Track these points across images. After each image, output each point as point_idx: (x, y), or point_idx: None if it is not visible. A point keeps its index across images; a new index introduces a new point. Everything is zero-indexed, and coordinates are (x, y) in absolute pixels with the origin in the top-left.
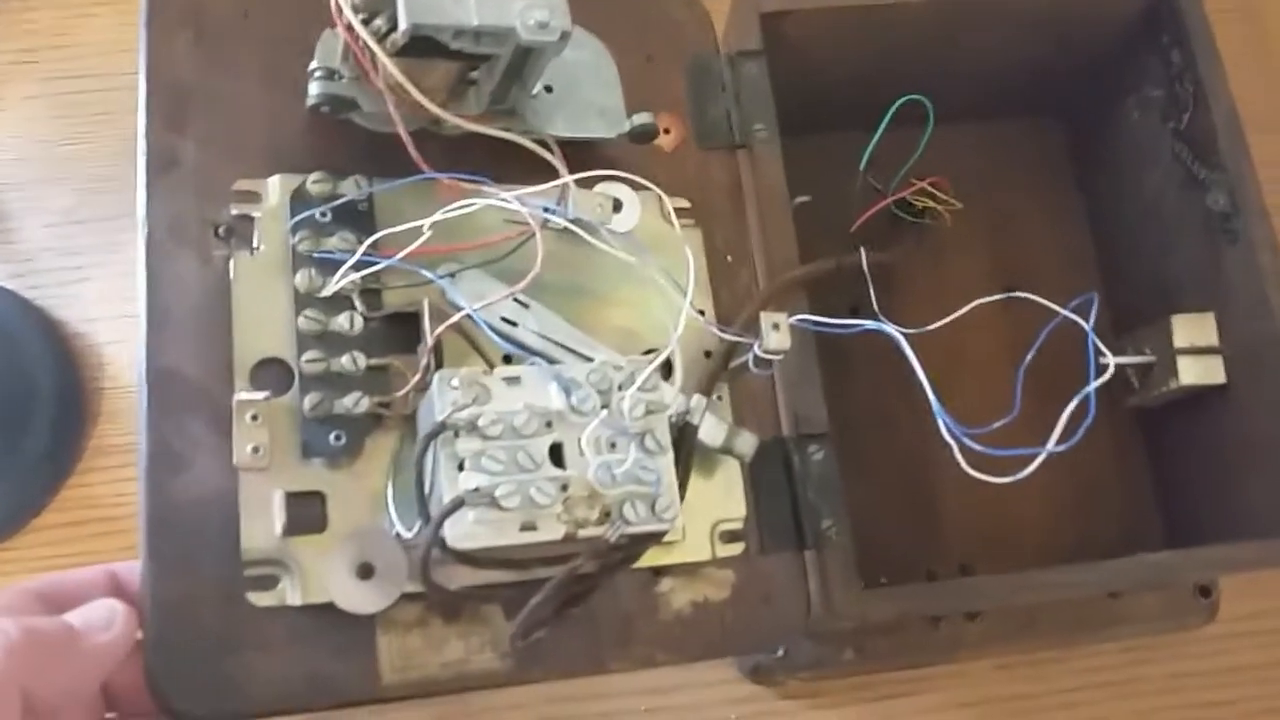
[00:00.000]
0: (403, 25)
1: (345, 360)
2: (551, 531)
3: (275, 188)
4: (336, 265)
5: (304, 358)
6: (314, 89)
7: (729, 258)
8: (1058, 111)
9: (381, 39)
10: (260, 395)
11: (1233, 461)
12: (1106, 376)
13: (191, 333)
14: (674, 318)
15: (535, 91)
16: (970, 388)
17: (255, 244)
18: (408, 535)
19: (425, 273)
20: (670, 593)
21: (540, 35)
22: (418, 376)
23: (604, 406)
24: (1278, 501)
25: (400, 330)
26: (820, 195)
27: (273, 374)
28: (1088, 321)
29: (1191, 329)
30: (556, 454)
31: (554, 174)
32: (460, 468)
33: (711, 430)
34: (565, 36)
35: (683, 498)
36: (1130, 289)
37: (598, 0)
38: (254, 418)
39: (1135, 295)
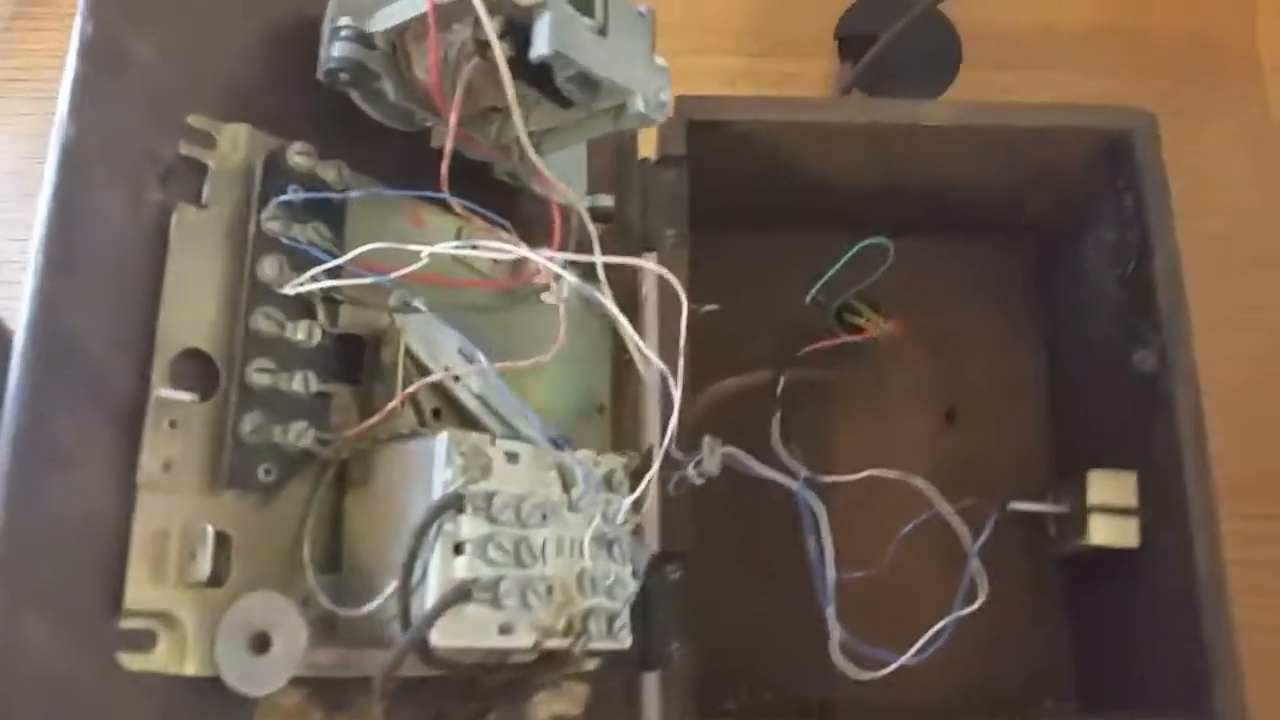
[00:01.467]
0: (543, 50)
1: (298, 379)
2: (523, 638)
3: (239, 140)
4: (302, 259)
5: (253, 365)
6: (338, 50)
7: (626, 358)
8: (1023, 235)
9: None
10: (186, 396)
11: (1142, 626)
12: (968, 587)
13: (102, 291)
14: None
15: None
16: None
17: (203, 199)
18: (329, 606)
19: (419, 304)
20: (538, 705)
21: (652, 113)
22: (376, 419)
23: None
24: (1178, 675)
25: (345, 355)
26: (756, 295)
27: (195, 371)
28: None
29: (1109, 487)
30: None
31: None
32: (458, 550)
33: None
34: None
35: None
36: (1075, 430)
37: None
38: (172, 424)
39: (1079, 437)
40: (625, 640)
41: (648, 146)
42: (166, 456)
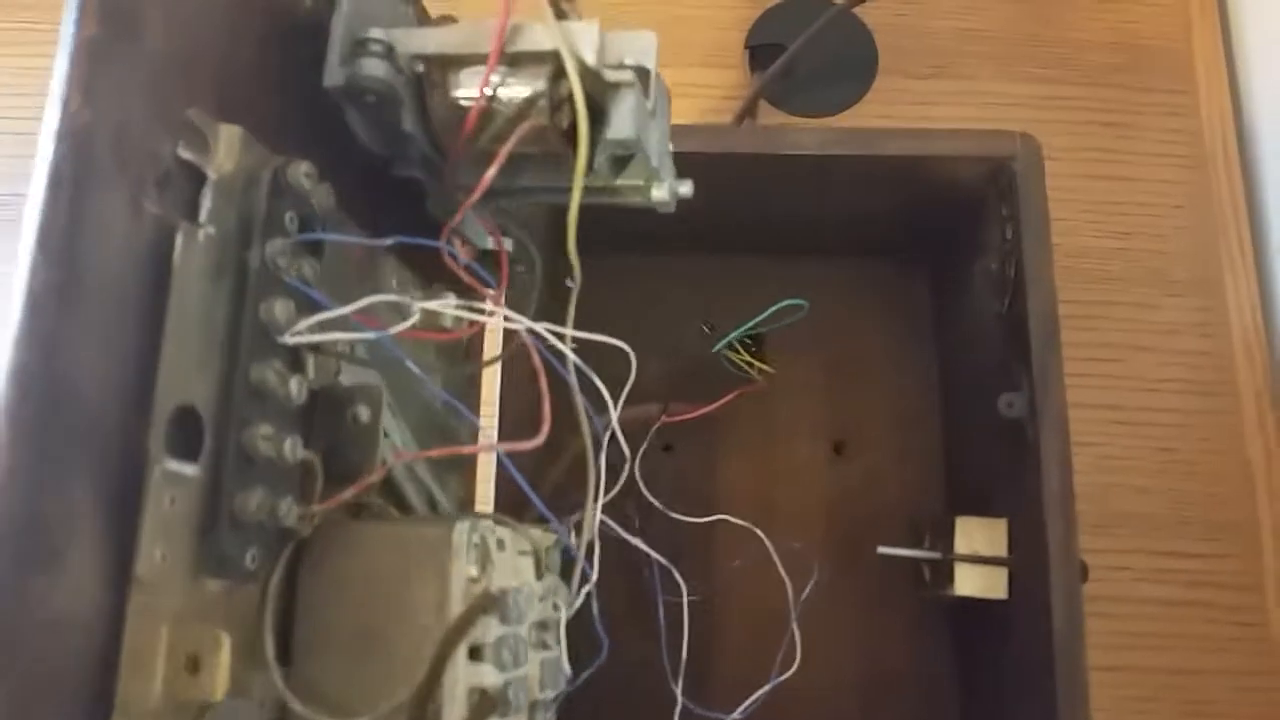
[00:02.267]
0: (626, 133)
1: (288, 445)
2: None
3: (234, 146)
4: (313, 307)
5: (257, 429)
6: (370, 68)
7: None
8: (917, 259)
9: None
10: (188, 469)
11: (1009, 681)
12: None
13: (102, 326)
14: None
15: None
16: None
17: (201, 217)
18: (303, 712)
19: (412, 366)
20: None
21: (669, 202)
22: (351, 492)
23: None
24: None
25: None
26: (645, 322)
27: (185, 432)
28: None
29: (979, 534)
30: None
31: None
32: (475, 655)
33: None
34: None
35: None
36: (963, 470)
37: None
38: (171, 502)
39: (967, 477)
40: None
41: None
42: (164, 546)
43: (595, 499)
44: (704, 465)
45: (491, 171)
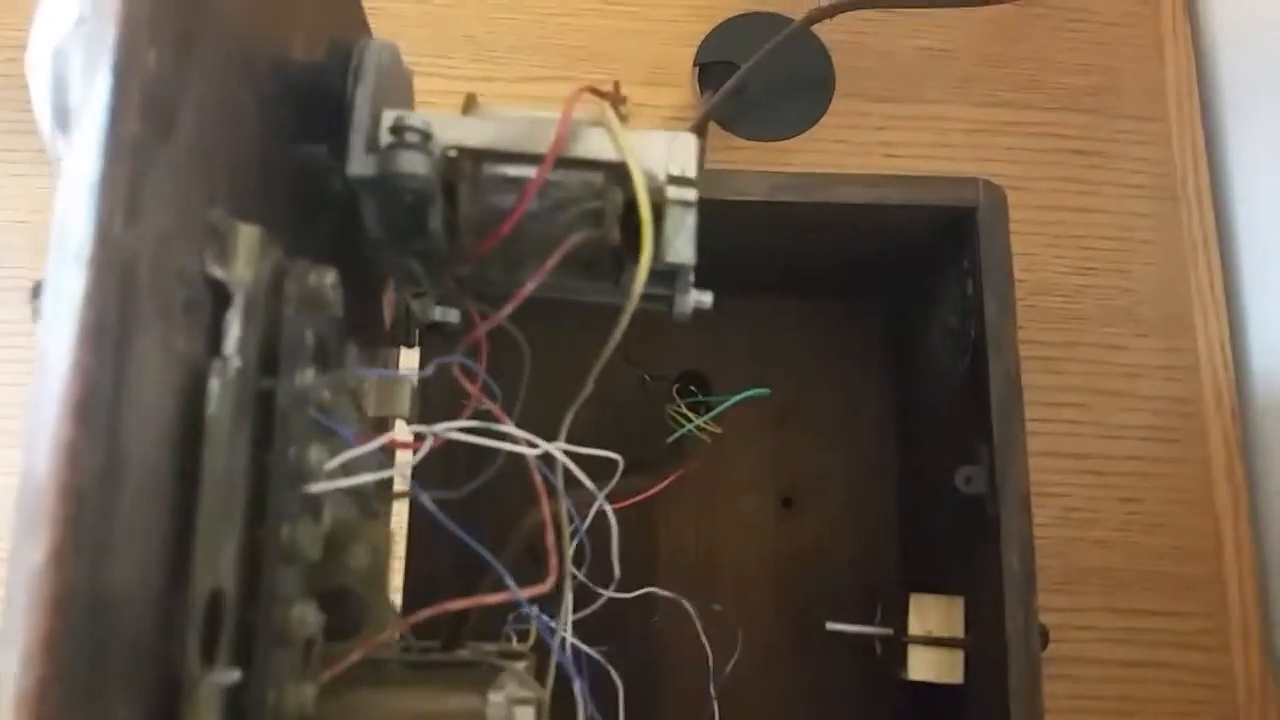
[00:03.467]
0: (686, 258)
1: (312, 615)
2: None
3: (252, 250)
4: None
5: (295, 612)
6: (410, 164)
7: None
8: (875, 302)
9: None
10: (234, 674)
11: None
12: None
13: (139, 505)
14: None
15: None
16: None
17: (228, 349)
18: None
19: (427, 502)
20: None
21: (683, 315)
22: (357, 654)
23: None
24: None
25: None
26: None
27: (213, 623)
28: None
29: (933, 614)
30: None
31: None
32: None
33: None
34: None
35: None
36: (917, 538)
37: None
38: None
39: (922, 546)
40: None
41: None
42: None
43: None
44: (646, 523)
45: (531, 285)
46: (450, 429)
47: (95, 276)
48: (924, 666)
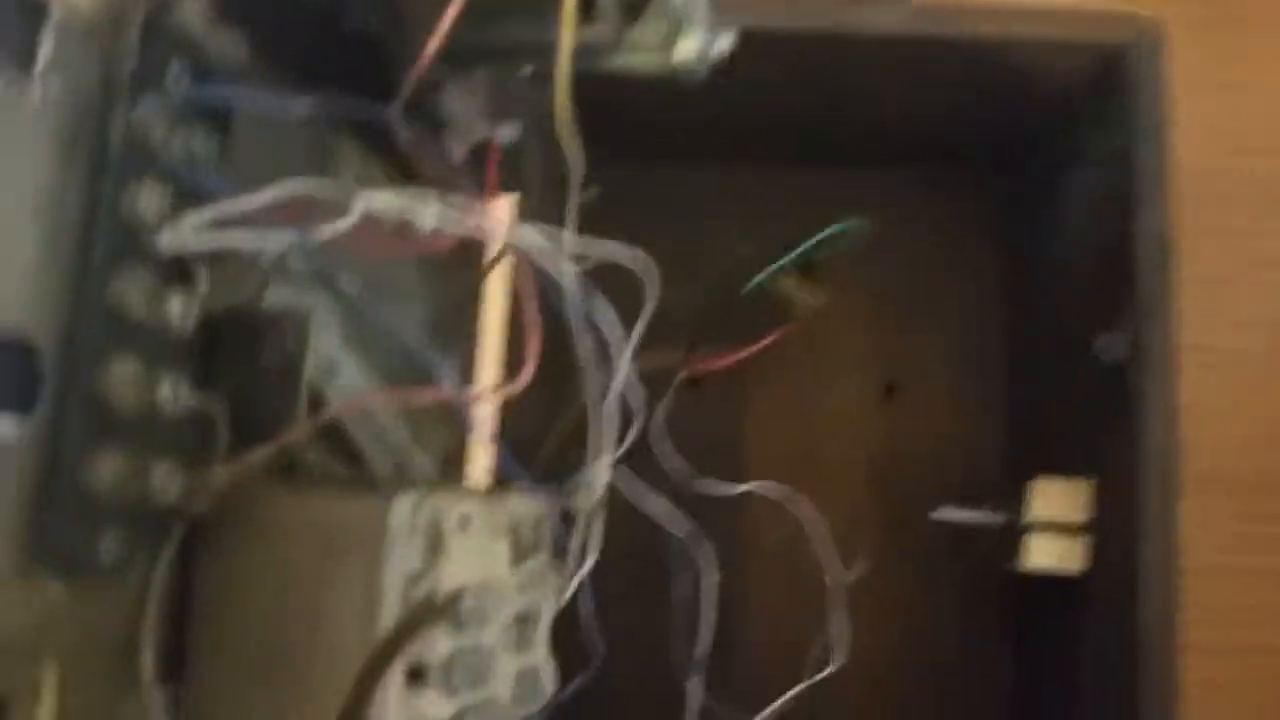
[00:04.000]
0: None
1: (164, 389)
2: None
3: None
4: (202, 195)
5: (117, 371)
6: None
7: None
8: (988, 173)
9: None
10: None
11: (1082, 673)
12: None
13: None
14: None
15: None
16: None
17: (39, 67)
18: None
19: (347, 285)
20: None
21: (687, 63)
22: (264, 452)
23: None
24: None
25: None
26: (668, 245)
27: (15, 373)
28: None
29: (1057, 498)
30: None
31: None
32: (417, 677)
33: None
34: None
35: None
36: (1031, 421)
37: None
38: None
39: (1036, 430)
40: None
41: None
42: None
43: (600, 460)
44: (734, 409)
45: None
46: (394, 201)
47: None
48: (1043, 553)
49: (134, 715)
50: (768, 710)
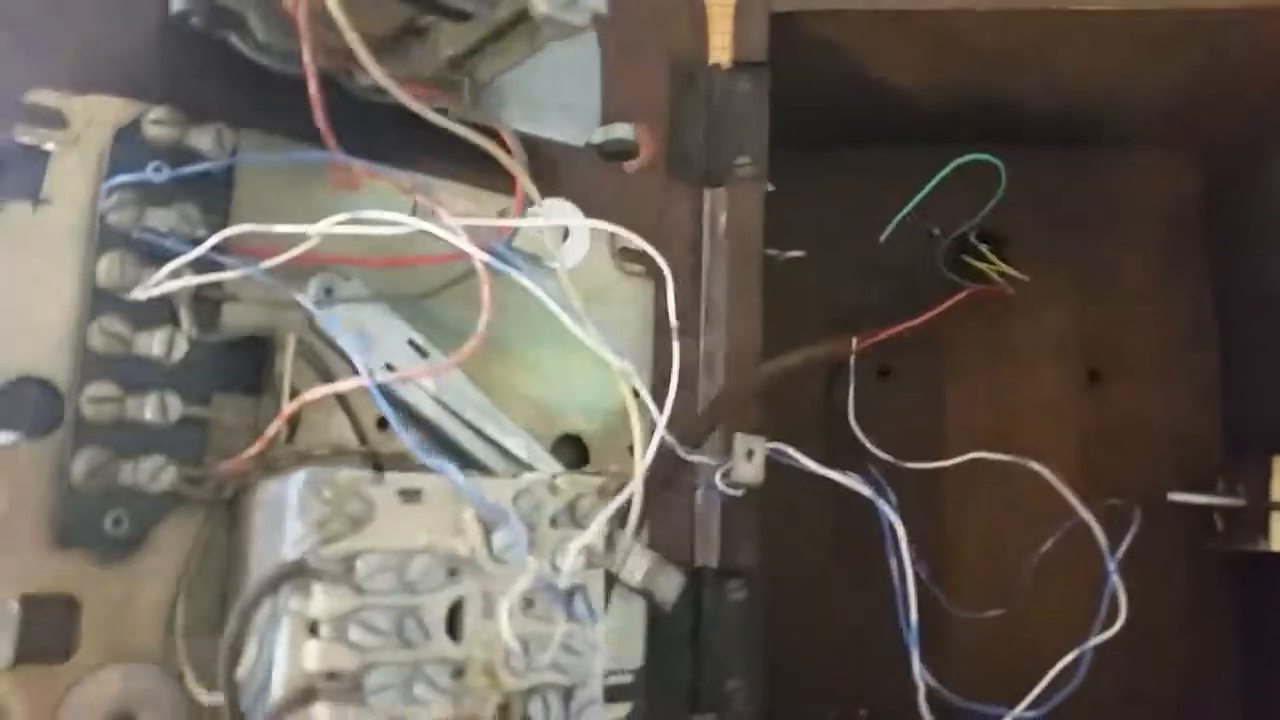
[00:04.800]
0: None
1: (150, 404)
2: None
3: (90, 114)
4: (164, 255)
5: (86, 392)
6: None
7: (675, 323)
8: (1191, 151)
9: None
10: (6, 437)
11: None
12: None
13: None
14: (605, 397)
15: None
16: (980, 539)
17: (42, 194)
18: (204, 697)
19: (300, 298)
20: None
21: (564, 14)
22: (258, 446)
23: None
24: None
25: (238, 363)
26: (843, 223)
27: (33, 400)
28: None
29: None
30: (453, 617)
31: (488, 174)
32: (313, 631)
33: (633, 562)
34: (597, 20)
35: None
36: (1249, 399)
37: None
38: None
39: (1255, 408)
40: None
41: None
42: None
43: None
44: (927, 396)
45: (304, 51)
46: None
47: None
48: None
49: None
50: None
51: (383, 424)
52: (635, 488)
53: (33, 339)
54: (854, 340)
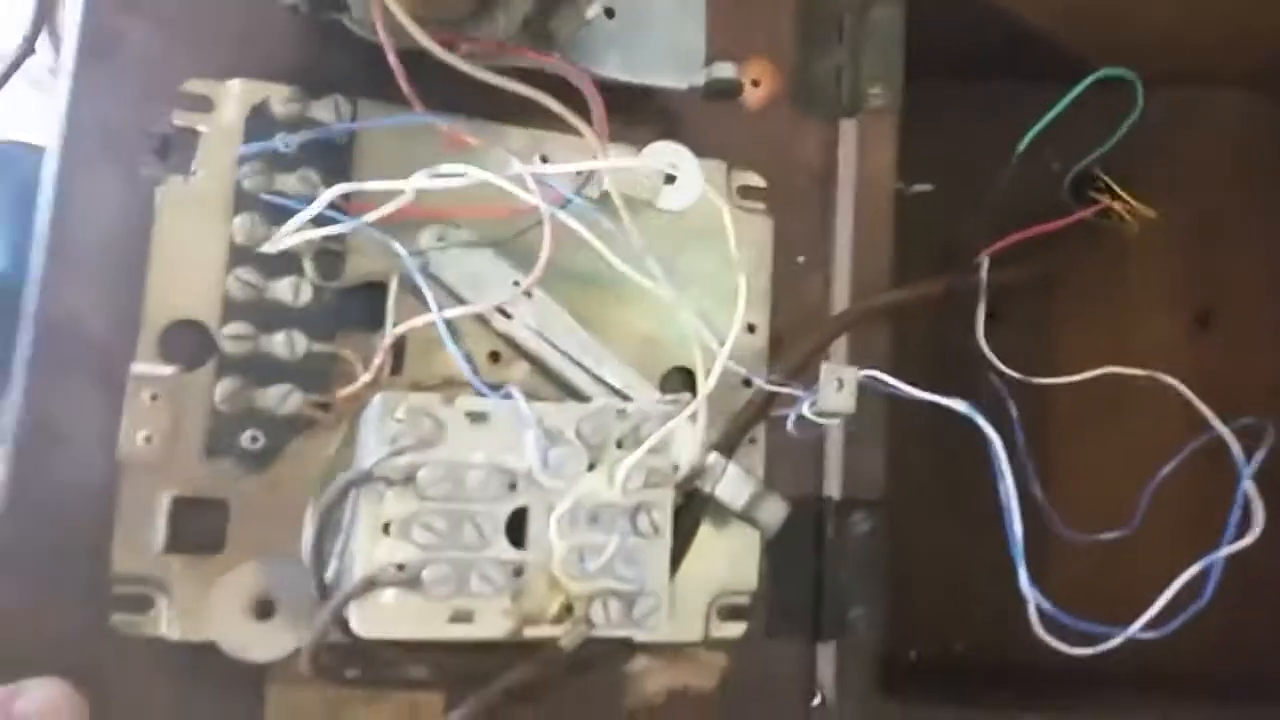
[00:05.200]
0: None
1: (279, 340)
2: (492, 627)
3: (234, 97)
4: (289, 214)
5: (226, 331)
6: None
7: (800, 259)
8: None
9: None
10: (165, 370)
11: None
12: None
13: (100, 272)
14: (710, 336)
15: (591, 15)
16: (1092, 466)
17: (193, 168)
18: (328, 575)
19: (397, 246)
20: (643, 674)
21: None
22: (368, 376)
23: (593, 466)
24: None
25: (363, 306)
26: (966, 159)
27: (189, 341)
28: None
29: None
30: (517, 525)
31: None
32: (385, 531)
33: (733, 488)
34: None
35: (677, 569)
36: None
37: None
38: (153, 398)
39: None
40: (654, 627)
41: None
42: (149, 429)
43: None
44: (1037, 338)
45: (377, 22)
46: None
47: (50, 148)
48: None
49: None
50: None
51: (495, 357)
52: (699, 406)
53: (187, 289)
54: (982, 262)
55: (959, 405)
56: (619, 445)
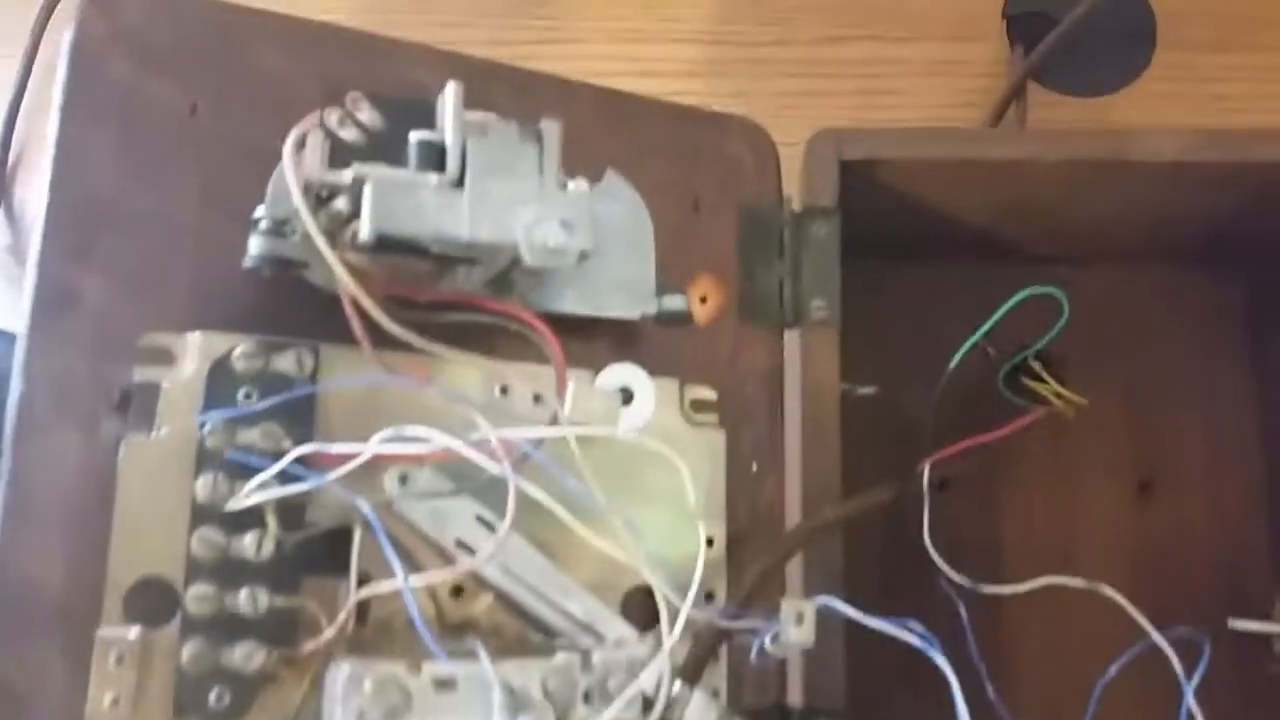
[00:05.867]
0: (366, 235)
1: (244, 597)
2: None
3: (194, 350)
4: (253, 470)
5: (191, 593)
6: (254, 246)
7: (754, 466)
8: (1234, 267)
9: (344, 223)
10: (131, 632)
11: None
12: None
13: (61, 532)
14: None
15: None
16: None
17: (156, 425)
18: None
19: (361, 503)
20: None
21: (549, 260)
22: (331, 631)
23: None
24: None
25: (327, 549)
26: (911, 333)
27: (155, 597)
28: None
29: None
30: None
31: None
32: None
33: (699, 716)
34: (584, 256)
35: None
36: None
37: (638, 123)
38: (119, 660)
39: None
40: None
41: None
42: (116, 691)
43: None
44: (985, 509)
45: (344, 299)
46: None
47: (9, 409)
48: None
49: None
50: None
51: (458, 591)
52: (662, 665)
53: (151, 548)
54: (925, 465)
55: (914, 638)
56: (586, 699)
